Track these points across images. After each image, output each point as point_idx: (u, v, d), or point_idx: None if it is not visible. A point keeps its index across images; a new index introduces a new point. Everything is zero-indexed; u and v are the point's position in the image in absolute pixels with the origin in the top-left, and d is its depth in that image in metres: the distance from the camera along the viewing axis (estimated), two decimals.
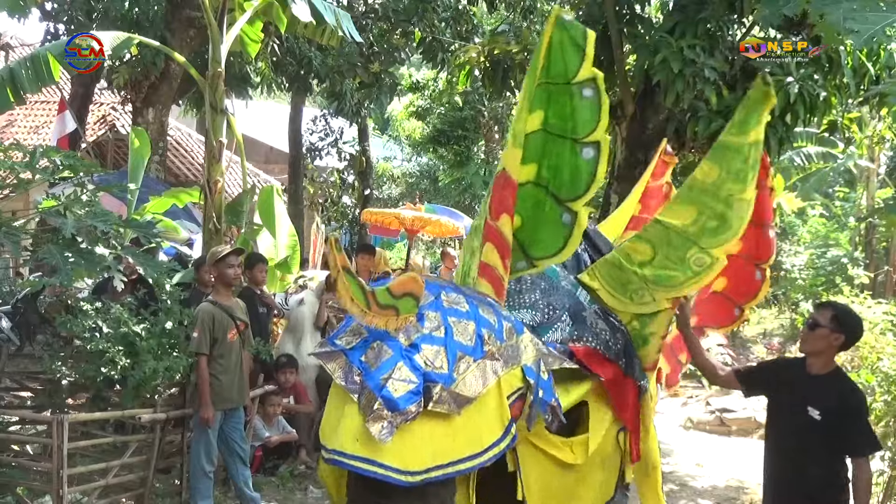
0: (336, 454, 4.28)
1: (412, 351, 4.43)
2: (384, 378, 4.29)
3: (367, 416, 4.22)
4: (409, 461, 4.28)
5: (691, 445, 13.17)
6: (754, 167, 5.04)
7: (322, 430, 4.50)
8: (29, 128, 24.22)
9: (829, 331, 5.54)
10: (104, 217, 7.31)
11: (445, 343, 4.52)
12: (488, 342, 4.67)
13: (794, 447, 5.62)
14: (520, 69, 14.58)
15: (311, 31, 13.08)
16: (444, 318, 4.61)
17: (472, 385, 4.49)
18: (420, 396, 4.31)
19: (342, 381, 4.36)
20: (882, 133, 22.76)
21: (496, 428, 4.60)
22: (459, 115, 28.60)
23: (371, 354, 4.41)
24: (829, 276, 23.81)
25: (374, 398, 4.24)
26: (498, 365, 4.64)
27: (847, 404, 5.44)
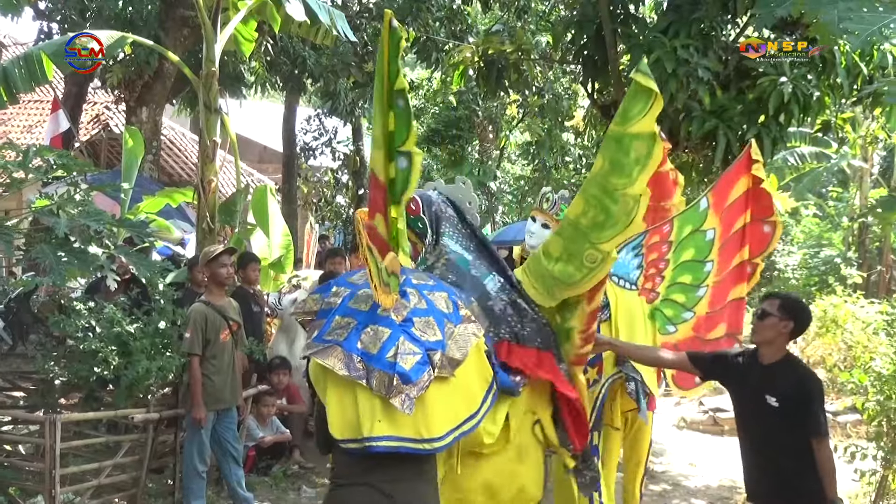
0: (367, 441, 4.33)
1: (407, 325, 4.55)
2: (391, 355, 4.40)
3: (388, 393, 4.31)
4: (431, 429, 4.43)
5: (684, 445, 13.19)
6: (641, 162, 4.90)
7: (334, 426, 4.46)
8: (22, 127, 24.20)
9: (778, 319, 5.66)
10: (97, 216, 7.31)
11: (431, 313, 4.67)
12: (462, 308, 4.87)
13: (760, 437, 5.78)
14: (514, 69, 14.60)
15: (306, 30, 13.06)
16: (421, 291, 4.78)
17: (461, 347, 4.64)
18: (428, 365, 4.44)
19: (346, 371, 4.38)
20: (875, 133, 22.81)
21: (483, 385, 4.84)
22: (454, 115, 28.56)
23: (367, 339, 4.47)
24: (823, 276, 23.88)
25: (388, 376, 4.34)
26: (474, 327, 4.82)
27: (802, 389, 5.57)
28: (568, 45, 13.61)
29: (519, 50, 14.49)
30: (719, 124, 10.72)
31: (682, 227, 7.77)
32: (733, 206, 7.74)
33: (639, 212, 4.98)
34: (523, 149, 29.81)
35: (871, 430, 9.19)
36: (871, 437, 8.94)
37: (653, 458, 11.85)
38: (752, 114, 10.79)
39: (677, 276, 7.75)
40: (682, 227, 7.77)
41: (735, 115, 10.78)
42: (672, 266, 7.74)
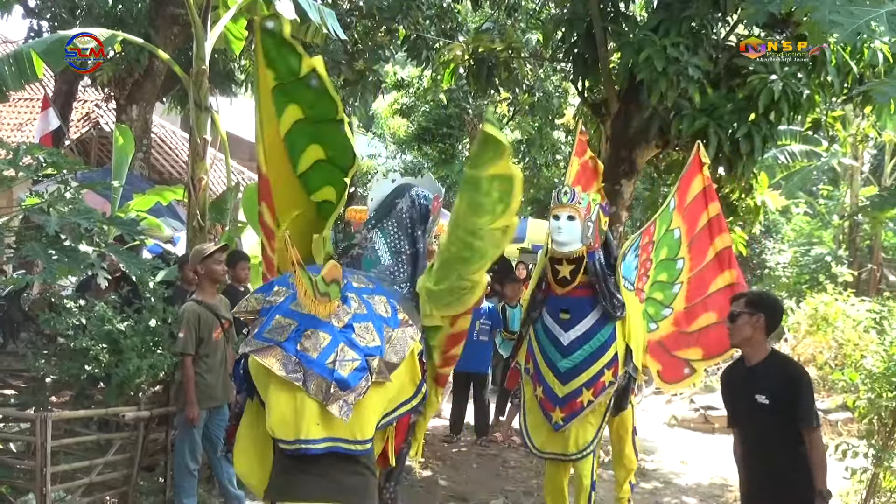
0: (302, 443, 4.47)
1: (348, 331, 4.65)
2: (330, 361, 4.51)
3: (325, 399, 4.44)
4: (364, 431, 4.59)
5: (676, 443, 13.23)
6: (504, 199, 4.78)
7: (277, 424, 4.56)
8: (12, 125, 24.16)
9: (748, 315, 5.76)
10: (88, 214, 7.30)
11: (371, 318, 4.79)
12: (400, 311, 5.03)
13: (755, 437, 5.86)
14: (504, 67, 14.60)
15: (295, 28, 13.05)
16: (361, 296, 4.90)
17: (398, 352, 4.80)
18: (366, 372, 4.57)
19: (283, 372, 4.48)
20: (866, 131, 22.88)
21: (412, 386, 5.04)
22: (444, 113, 28.58)
23: (308, 342, 4.56)
24: (813, 274, 23.94)
25: (326, 382, 4.46)
26: (412, 330, 4.99)
27: (791, 383, 5.63)
28: (558, 44, 13.60)
29: (509, 48, 14.50)
30: (710, 122, 10.74)
31: (660, 226, 7.92)
32: (693, 204, 8.00)
33: (507, 239, 5.05)
34: (514, 147, 29.82)
35: (861, 428, 9.22)
36: (862, 434, 8.97)
37: (644, 456, 11.89)
38: (742, 112, 10.81)
39: (656, 275, 7.94)
40: (660, 227, 7.92)
41: (725, 114, 10.79)
42: (654, 265, 7.86)
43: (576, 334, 7.10)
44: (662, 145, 12.17)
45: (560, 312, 7.17)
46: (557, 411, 7.21)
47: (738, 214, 13.67)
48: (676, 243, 8.04)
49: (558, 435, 7.29)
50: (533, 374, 7.43)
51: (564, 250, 7.00)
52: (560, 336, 7.14)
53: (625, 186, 12.21)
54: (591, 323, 7.10)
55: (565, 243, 6.99)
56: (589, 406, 7.16)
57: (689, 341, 7.85)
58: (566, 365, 7.10)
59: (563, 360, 7.11)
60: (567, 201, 7.07)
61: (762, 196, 13.68)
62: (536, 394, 7.38)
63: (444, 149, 29.04)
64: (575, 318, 7.11)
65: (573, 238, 6.98)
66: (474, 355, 11.91)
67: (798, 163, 24.54)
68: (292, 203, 5.53)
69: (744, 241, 14.06)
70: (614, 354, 7.17)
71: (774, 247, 26.72)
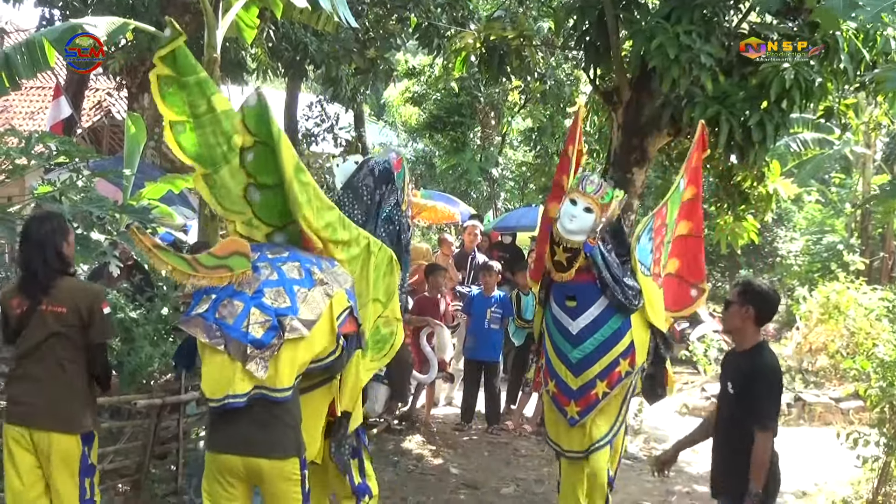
0: (230, 398, 5.12)
1: (258, 296, 5.31)
2: (244, 325, 5.18)
3: (243, 360, 5.12)
4: (282, 380, 5.25)
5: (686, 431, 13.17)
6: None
7: (205, 386, 5.23)
8: (24, 113, 24.22)
9: (739, 306, 5.84)
10: (100, 203, 7.32)
11: (282, 283, 5.42)
12: (315, 273, 5.61)
13: (725, 425, 6.02)
14: (516, 55, 14.56)
15: (307, 16, 13.03)
16: (274, 264, 5.53)
17: (314, 309, 5.43)
18: (278, 330, 5.22)
19: (206, 339, 5.16)
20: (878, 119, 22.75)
21: (331, 338, 5.55)
22: (455, 102, 28.54)
23: (224, 311, 5.24)
24: (825, 263, 23.87)
25: (242, 344, 5.13)
26: (327, 288, 5.58)
27: (753, 376, 5.73)
28: (570, 31, 13.55)
29: (521, 36, 14.45)
30: (721, 110, 10.69)
31: (671, 209, 7.79)
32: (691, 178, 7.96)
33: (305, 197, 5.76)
34: (525, 135, 29.79)
35: (873, 417, 9.21)
36: (874, 423, 8.96)
37: (655, 444, 11.91)
38: (754, 100, 10.77)
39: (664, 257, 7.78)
40: (672, 210, 7.79)
41: (737, 101, 10.75)
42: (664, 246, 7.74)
43: (584, 322, 6.99)
44: (674, 133, 12.13)
45: (566, 300, 7.07)
46: (572, 405, 7.12)
47: (749, 202, 13.64)
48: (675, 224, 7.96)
49: (575, 431, 7.21)
50: (545, 369, 7.36)
51: (569, 237, 6.90)
52: (568, 325, 7.03)
53: (636, 174, 12.17)
54: (600, 310, 6.98)
55: (573, 231, 6.88)
56: (605, 398, 7.08)
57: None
58: (577, 355, 7.01)
59: (574, 351, 7.01)
60: (591, 192, 6.92)
61: (774, 184, 13.64)
62: (549, 389, 7.31)
63: (455, 137, 28.98)
64: (582, 305, 7.00)
65: (582, 230, 6.87)
66: (485, 344, 11.92)
67: (810, 151, 24.45)
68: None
69: (756, 229, 14.02)
70: (630, 343, 7.06)
71: (786, 235, 26.65)
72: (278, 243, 5.94)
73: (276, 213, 6.01)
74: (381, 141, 35.67)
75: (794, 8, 10.97)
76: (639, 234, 7.35)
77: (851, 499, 9.08)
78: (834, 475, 9.99)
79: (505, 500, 9.38)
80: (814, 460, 10.78)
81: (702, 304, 8.26)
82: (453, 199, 22.36)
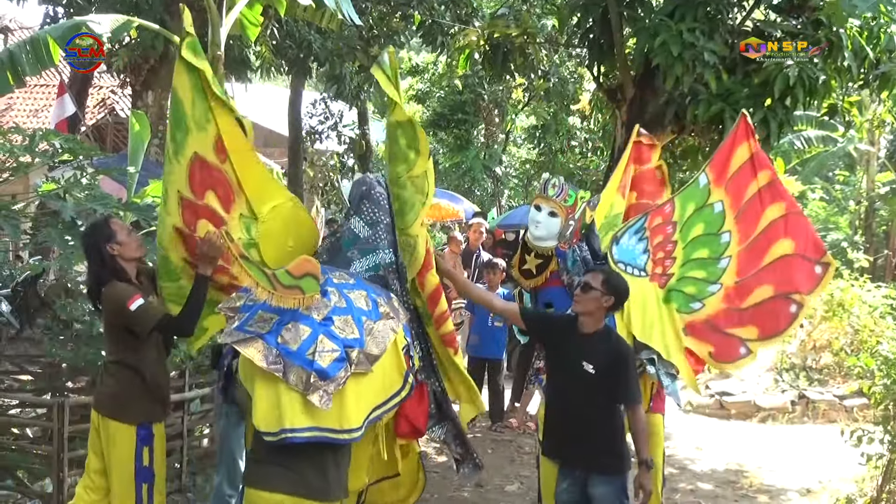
0: (287, 432, 4.61)
1: (327, 324, 4.88)
2: (310, 353, 4.71)
3: (305, 389, 4.63)
4: (350, 420, 4.79)
5: (691, 429, 13.20)
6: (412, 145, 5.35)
7: (261, 416, 4.67)
8: (28, 111, 24.25)
9: (601, 294, 5.96)
10: (104, 200, 7.33)
11: (350, 312, 5.02)
12: (381, 305, 5.26)
13: (577, 402, 6.03)
14: (519, 52, 14.56)
15: (311, 14, 13.07)
16: (341, 291, 5.14)
17: (379, 343, 5.03)
18: (345, 362, 4.78)
19: (264, 363, 4.64)
20: (882, 116, 22.77)
21: (398, 377, 5.24)
22: (459, 99, 28.57)
23: (288, 335, 4.76)
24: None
25: (307, 372, 4.65)
26: (393, 323, 5.23)
27: (617, 358, 5.96)
28: (574, 29, 13.57)
29: (524, 33, 14.46)
30: (725, 108, 10.70)
31: (684, 205, 7.67)
32: (738, 175, 7.71)
33: (429, 184, 5.47)
34: (529, 132, 29.83)
35: (877, 414, 9.18)
36: (878, 420, 8.93)
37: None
38: (758, 97, 10.77)
39: (691, 254, 7.63)
40: (685, 206, 7.67)
41: (741, 99, 10.74)
42: (682, 245, 7.63)
43: None
44: (678, 131, 12.13)
45: (545, 306, 7.17)
46: None
47: None
48: (718, 217, 7.72)
49: None
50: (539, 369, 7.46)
51: (538, 244, 6.99)
52: None
53: None
54: None
55: (541, 238, 6.97)
56: None
57: (742, 319, 7.55)
58: None
59: None
60: (553, 195, 6.98)
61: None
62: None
63: (459, 135, 29.01)
64: (558, 309, 6.99)
65: (549, 234, 6.96)
66: (489, 341, 11.92)
67: (814, 148, 24.42)
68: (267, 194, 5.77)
69: None
70: None
71: None
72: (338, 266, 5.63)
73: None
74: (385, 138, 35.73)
75: (798, 6, 10.97)
76: (617, 235, 7.29)
77: (856, 496, 9.06)
78: (838, 473, 9.98)
79: (509, 498, 9.39)
80: (818, 458, 10.78)
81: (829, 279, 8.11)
82: (457, 196, 22.38)
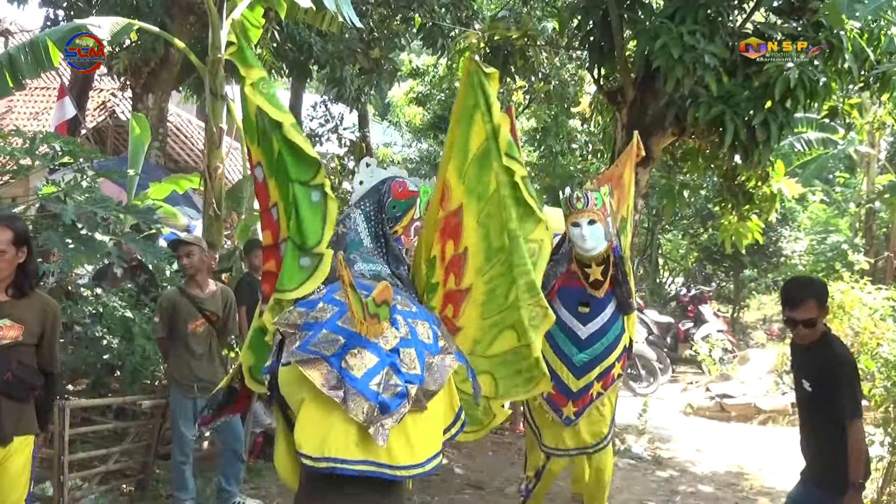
0: (337, 462, 4.38)
1: (394, 356, 4.56)
2: (374, 384, 4.43)
3: (366, 420, 4.34)
4: (401, 457, 4.48)
5: (691, 431, 13.22)
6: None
7: (307, 439, 4.46)
8: (28, 114, 24.25)
9: (819, 309, 5.68)
10: (104, 203, 7.33)
11: (414, 345, 4.68)
12: (441, 338, 4.88)
13: (805, 423, 5.96)
14: (520, 55, 14.57)
15: (312, 16, 13.07)
16: (406, 320, 4.77)
17: (437, 380, 4.67)
18: (406, 399, 4.47)
19: (325, 388, 4.39)
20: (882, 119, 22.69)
21: (451, 414, 5.02)
22: None
23: (353, 361, 4.47)
24: (830, 262, 23.84)
25: (369, 404, 4.38)
26: (450, 358, 4.84)
27: (830, 371, 5.61)
28: (574, 31, 13.54)
29: (525, 36, 14.46)
30: (726, 110, 10.69)
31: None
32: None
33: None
34: (529, 135, 29.78)
35: (878, 416, 9.20)
36: (878, 423, 8.95)
37: (660, 444, 11.92)
38: (758, 99, 10.76)
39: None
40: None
41: (742, 101, 10.74)
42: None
43: (594, 328, 6.99)
44: (678, 133, 12.11)
45: (579, 305, 7.02)
46: (570, 405, 7.12)
47: (754, 202, 13.63)
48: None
49: (569, 429, 7.23)
50: None
51: (593, 254, 6.84)
52: (577, 330, 7.00)
53: (641, 174, 12.16)
54: (609, 316, 7.01)
55: (593, 248, 6.82)
56: (598, 398, 7.13)
57: None
58: (583, 358, 7.00)
59: (580, 354, 7.00)
60: (583, 207, 6.86)
61: (778, 184, 13.64)
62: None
63: None
64: (594, 312, 6.99)
65: (599, 241, 6.82)
66: None
67: (814, 150, 24.40)
68: None
69: (760, 229, 14.00)
70: (624, 347, 7.17)
71: (790, 235, 26.58)
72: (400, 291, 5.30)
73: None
74: (386, 141, 35.71)
75: (799, 7, 10.97)
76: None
77: None
78: None
79: (509, 500, 9.38)
80: None
81: None
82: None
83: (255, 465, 9.19)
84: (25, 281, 5.41)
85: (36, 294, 5.53)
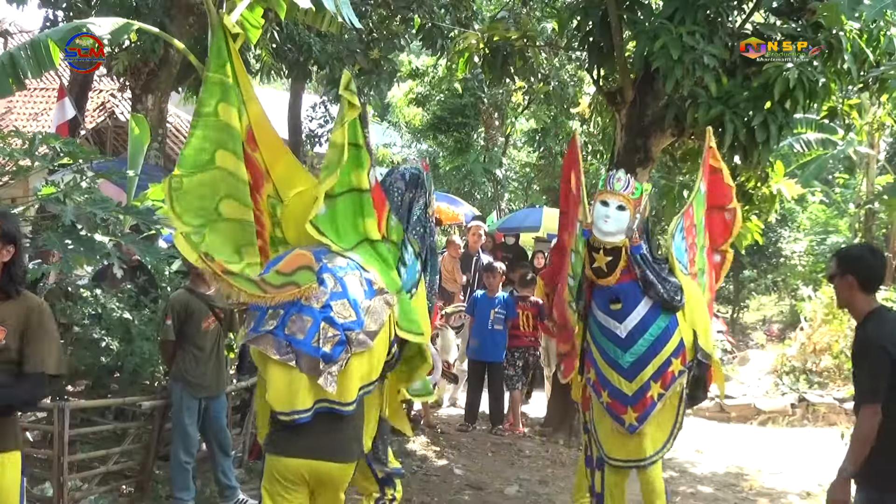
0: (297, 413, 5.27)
1: (327, 310, 5.38)
2: (315, 341, 5.27)
3: (315, 374, 5.24)
4: (349, 394, 5.40)
5: (691, 432, 13.19)
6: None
7: (276, 401, 5.32)
8: (28, 115, 24.25)
9: (840, 277, 5.60)
10: (103, 204, 7.32)
11: (345, 295, 5.49)
12: (375, 283, 5.72)
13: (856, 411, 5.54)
14: (519, 56, 14.55)
15: (311, 17, 13.03)
16: (336, 275, 5.56)
17: (376, 319, 5.56)
18: (346, 345, 5.34)
19: (277, 355, 5.25)
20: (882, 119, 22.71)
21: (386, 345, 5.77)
22: (459, 102, 28.56)
23: (294, 326, 5.32)
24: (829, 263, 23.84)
25: (314, 359, 5.25)
26: (388, 296, 5.74)
27: (856, 351, 5.54)
28: (573, 32, 13.52)
29: (524, 37, 14.44)
30: (725, 111, 10.68)
31: (698, 210, 7.70)
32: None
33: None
34: (529, 136, 29.83)
35: None
36: None
37: None
38: (757, 100, 10.75)
39: (699, 262, 7.68)
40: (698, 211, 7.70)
41: (741, 102, 10.73)
42: (698, 249, 7.65)
43: (632, 323, 6.81)
44: (678, 133, 12.10)
45: (610, 303, 6.88)
46: (630, 412, 6.92)
47: (753, 203, 13.62)
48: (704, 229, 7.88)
49: (633, 439, 7.02)
50: (595, 381, 7.13)
51: (607, 240, 6.68)
52: (616, 329, 6.86)
53: (640, 175, 12.11)
54: (647, 309, 6.81)
55: (610, 233, 6.66)
56: (660, 399, 6.90)
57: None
58: (629, 359, 6.83)
59: (625, 355, 6.84)
60: (620, 189, 6.73)
61: (778, 185, 13.63)
62: (603, 400, 7.08)
63: (459, 138, 29.03)
64: (628, 306, 6.82)
65: (619, 229, 6.67)
66: (489, 345, 11.96)
67: (814, 151, 24.39)
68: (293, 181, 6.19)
69: (759, 229, 13.99)
70: (680, 341, 6.90)
71: (790, 235, 26.61)
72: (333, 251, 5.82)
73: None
74: (385, 141, 35.70)
75: (798, 8, 10.97)
76: (672, 232, 7.23)
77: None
78: None
79: (509, 501, 9.39)
80: (818, 461, 10.78)
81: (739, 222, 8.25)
82: (456, 199, 22.38)
83: (255, 465, 9.18)
84: (11, 283, 4.87)
85: (24, 296, 4.95)
